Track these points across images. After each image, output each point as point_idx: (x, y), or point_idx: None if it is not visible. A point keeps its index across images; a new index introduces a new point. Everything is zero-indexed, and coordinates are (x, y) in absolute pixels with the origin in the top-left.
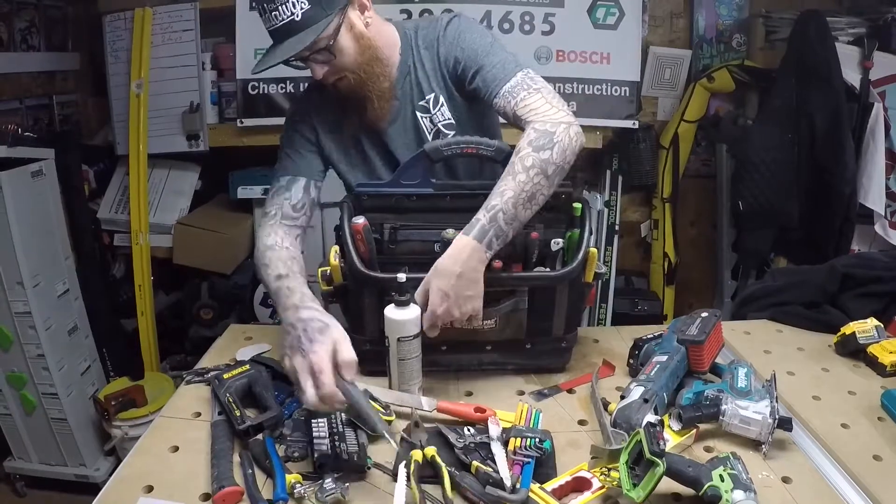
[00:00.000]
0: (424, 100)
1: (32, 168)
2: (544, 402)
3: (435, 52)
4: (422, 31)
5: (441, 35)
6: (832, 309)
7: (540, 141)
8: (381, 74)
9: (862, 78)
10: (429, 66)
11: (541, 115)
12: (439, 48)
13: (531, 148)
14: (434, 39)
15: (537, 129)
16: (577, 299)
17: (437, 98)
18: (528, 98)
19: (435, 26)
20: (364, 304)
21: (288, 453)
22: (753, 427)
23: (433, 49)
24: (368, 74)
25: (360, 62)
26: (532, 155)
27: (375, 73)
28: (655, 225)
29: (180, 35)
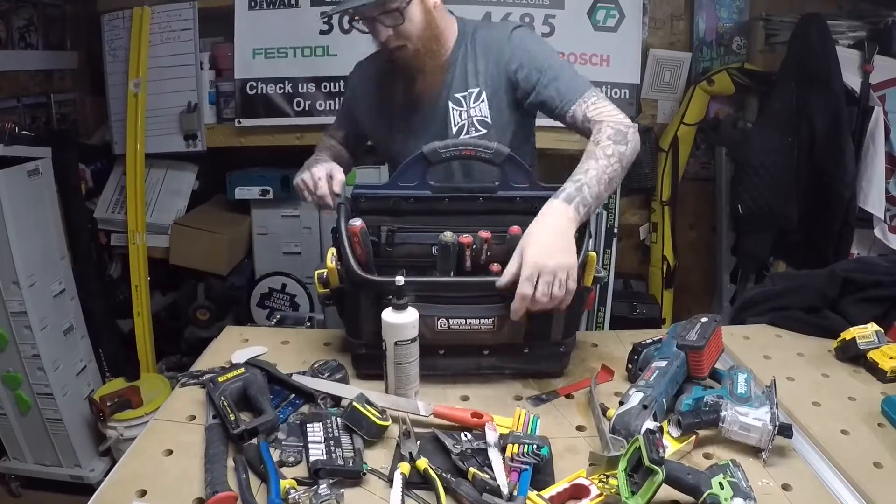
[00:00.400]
0: (464, 92)
1: (29, 167)
2: (542, 408)
3: (497, 53)
4: (482, 31)
5: (507, 39)
6: (832, 314)
7: (617, 137)
8: (437, 52)
9: (862, 81)
10: (481, 64)
11: (613, 118)
12: (503, 50)
13: (611, 141)
14: (497, 41)
15: (613, 126)
16: (576, 303)
17: (479, 94)
18: (599, 103)
19: (499, 30)
20: (361, 308)
21: (283, 458)
22: (753, 434)
23: (493, 49)
24: (426, 49)
25: (423, 36)
26: (612, 146)
27: (432, 49)
28: (654, 228)
29: (178, 34)
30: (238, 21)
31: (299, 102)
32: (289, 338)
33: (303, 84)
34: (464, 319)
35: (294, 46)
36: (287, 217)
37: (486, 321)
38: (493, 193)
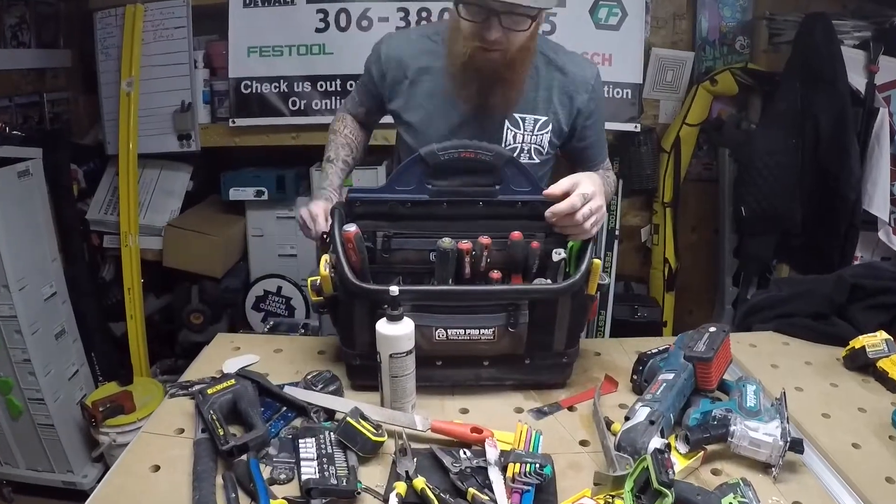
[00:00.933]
0: (529, 116)
1: (19, 168)
2: (544, 421)
3: (575, 92)
4: (564, 57)
5: (594, 84)
6: (840, 321)
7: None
8: (525, 64)
9: (867, 82)
10: (556, 95)
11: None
12: (583, 93)
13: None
14: (582, 80)
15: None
16: (579, 312)
17: (546, 123)
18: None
19: (585, 66)
20: (355, 317)
21: (273, 475)
22: (763, 449)
23: (575, 87)
24: (520, 60)
25: (524, 45)
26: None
27: (524, 60)
28: (656, 230)
29: (172, 32)
30: (232, 19)
31: (295, 102)
32: (282, 346)
33: (298, 83)
34: (463, 330)
35: (289, 45)
36: (282, 218)
37: (486, 331)
38: (493, 198)
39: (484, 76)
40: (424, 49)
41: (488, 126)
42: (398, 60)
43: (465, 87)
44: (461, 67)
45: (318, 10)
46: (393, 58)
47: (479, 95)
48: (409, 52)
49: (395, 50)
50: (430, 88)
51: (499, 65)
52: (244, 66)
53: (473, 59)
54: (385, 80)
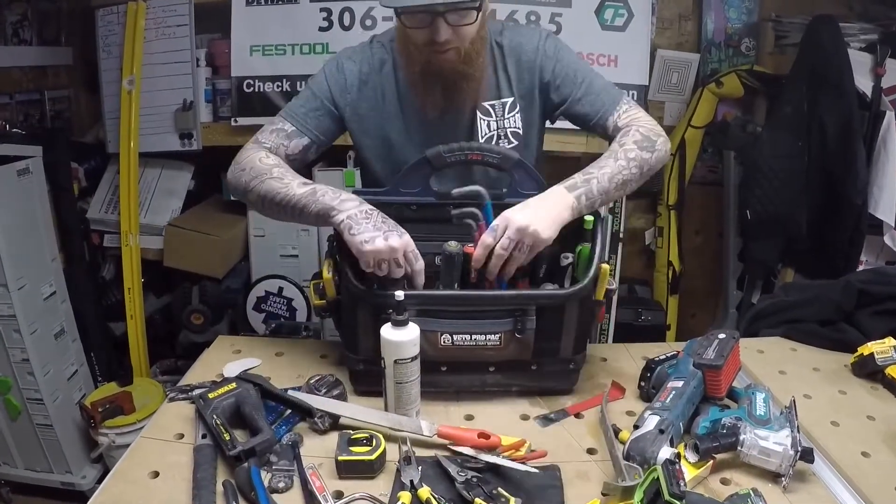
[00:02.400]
0: (495, 101)
1: (19, 166)
2: (550, 428)
3: (529, 62)
4: (509, 34)
5: (540, 47)
6: (848, 327)
7: (644, 143)
8: (482, 54)
9: (874, 85)
10: (513, 72)
11: (644, 124)
12: (536, 59)
13: (636, 146)
14: (530, 49)
15: (642, 132)
16: (587, 318)
17: (514, 104)
18: (631, 111)
19: (530, 36)
20: (358, 322)
21: (272, 483)
22: (774, 459)
23: (525, 57)
24: (476, 51)
25: (476, 37)
26: (636, 151)
27: (479, 51)
28: (660, 232)
29: (174, 30)
30: (235, 17)
31: None
32: (283, 349)
33: (301, 82)
34: (469, 335)
35: (292, 44)
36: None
37: (492, 337)
38: (500, 200)
39: (445, 77)
40: (378, 59)
41: (461, 122)
42: (359, 77)
43: (429, 94)
44: (420, 75)
45: (321, 8)
46: (342, 85)
47: (444, 98)
48: (367, 67)
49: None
50: (390, 105)
51: (457, 63)
52: (247, 64)
53: (430, 64)
54: (347, 101)
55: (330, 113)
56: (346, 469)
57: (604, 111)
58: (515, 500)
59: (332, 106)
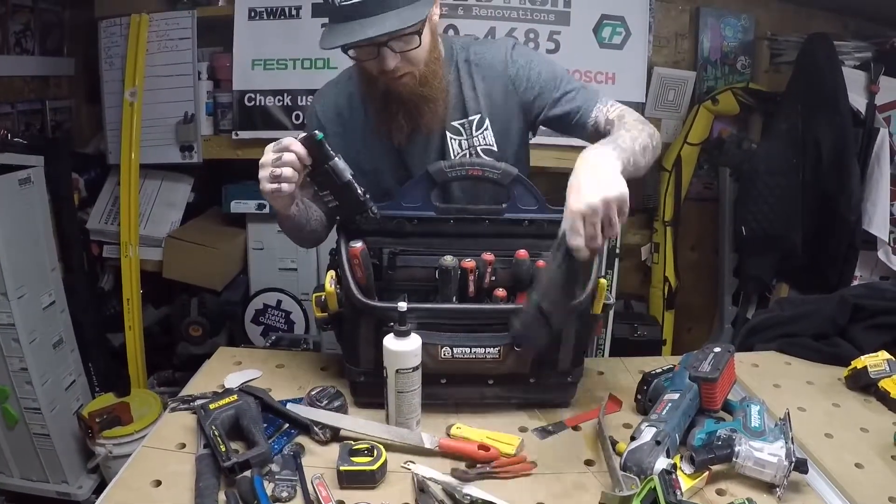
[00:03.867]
0: (464, 120)
1: (20, 175)
2: (548, 440)
3: (499, 75)
4: (475, 49)
5: (508, 58)
6: (842, 341)
7: (644, 121)
8: (439, 75)
9: (868, 103)
10: (481, 87)
11: (635, 114)
12: (506, 71)
13: (640, 122)
14: (498, 62)
15: (638, 115)
16: (584, 332)
17: (482, 121)
18: (617, 105)
19: (496, 49)
20: (360, 334)
21: (276, 493)
22: (768, 470)
23: (494, 71)
24: (432, 73)
25: (428, 59)
26: (640, 125)
27: (436, 72)
28: (656, 248)
29: (177, 43)
30: (237, 31)
31: (298, 115)
32: (284, 361)
33: (302, 97)
34: (468, 348)
35: (294, 58)
36: (283, 232)
37: (491, 350)
38: (499, 216)
39: (405, 101)
40: (344, 101)
41: (431, 144)
42: (336, 110)
43: (393, 121)
44: (382, 104)
45: (322, 24)
46: (330, 111)
47: (408, 123)
48: (343, 100)
49: (329, 103)
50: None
51: (414, 87)
52: (248, 78)
53: (389, 91)
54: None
55: None
56: (347, 479)
57: (586, 107)
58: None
59: None
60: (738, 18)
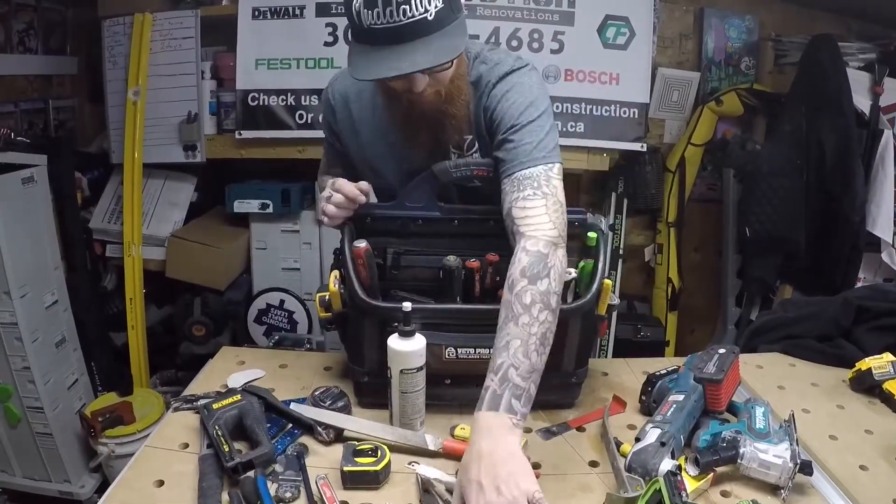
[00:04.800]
0: (461, 138)
1: (23, 174)
2: (553, 441)
3: (481, 96)
4: (478, 68)
5: (494, 83)
6: (846, 343)
7: (534, 269)
8: (463, 90)
9: (872, 104)
10: (475, 107)
11: (532, 228)
12: (487, 95)
13: (526, 280)
14: (485, 85)
15: (529, 251)
16: (589, 332)
17: (473, 142)
18: (529, 200)
19: (491, 72)
20: (364, 334)
21: (279, 493)
22: (773, 471)
23: (482, 91)
24: (457, 89)
25: (454, 75)
26: (530, 289)
27: (461, 88)
28: (660, 249)
29: (180, 42)
30: (241, 30)
31: (301, 115)
32: (287, 361)
33: (306, 96)
34: (472, 349)
35: (297, 58)
36: (286, 232)
37: None
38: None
39: (428, 117)
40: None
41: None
42: (344, 99)
43: (415, 136)
44: (405, 120)
45: (326, 23)
46: (339, 98)
47: (430, 139)
48: (352, 89)
49: (339, 89)
50: (377, 126)
51: (439, 103)
52: (252, 78)
53: (413, 106)
54: (337, 122)
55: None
56: (351, 480)
57: (513, 165)
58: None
59: (334, 139)
60: (742, 19)
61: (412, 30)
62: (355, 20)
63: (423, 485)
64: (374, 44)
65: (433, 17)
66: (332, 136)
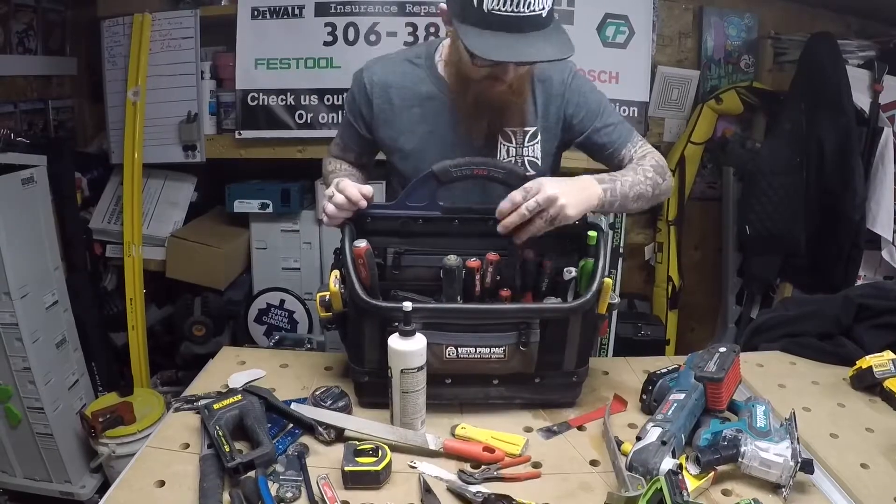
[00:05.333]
0: (519, 129)
1: (23, 175)
2: (553, 440)
3: (556, 95)
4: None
5: (569, 82)
6: (847, 341)
7: (659, 169)
8: (528, 82)
9: (872, 102)
10: (541, 102)
11: (658, 158)
12: (562, 93)
13: (653, 169)
14: (558, 82)
15: (658, 161)
16: (590, 332)
17: (535, 134)
18: (646, 146)
19: (558, 69)
20: (365, 334)
21: (280, 493)
22: (774, 470)
23: (553, 90)
24: (526, 81)
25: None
26: (652, 172)
27: (526, 80)
28: (660, 248)
29: (179, 42)
30: (240, 30)
31: (301, 115)
32: (288, 361)
33: (305, 96)
34: (473, 348)
35: (297, 57)
36: (286, 232)
37: (496, 350)
38: None
39: (494, 108)
40: (407, 73)
41: (477, 144)
42: (383, 86)
43: (477, 122)
44: (473, 106)
45: (326, 23)
46: (377, 83)
47: (490, 126)
48: (393, 78)
49: (378, 76)
50: (420, 114)
51: (507, 93)
52: (251, 77)
53: (485, 94)
54: (372, 108)
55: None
56: (352, 480)
57: (620, 142)
58: None
59: (359, 122)
60: (741, 17)
61: (533, 22)
62: (474, 2)
63: (424, 485)
64: (492, 28)
65: (546, 14)
66: (360, 122)
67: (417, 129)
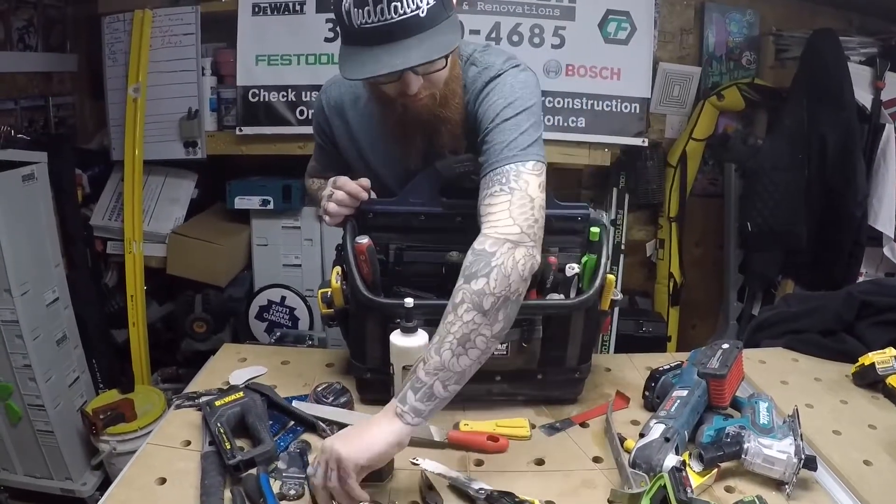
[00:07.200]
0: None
1: (24, 172)
2: (556, 437)
3: (469, 101)
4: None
5: (480, 88)
6: (849, 338)
7: (473, 268)
8: (458, 94)
9: (873, 98)
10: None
11: (489, 226)
12: (474, 99)
13: (463, 278)
14: (473, 87)
15: (475, 250)
16: (592, 328)
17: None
18: (495, 197)
19: (481, 73)
20: (367, 331)
21: (283, 490)
22: (777, 467)
23: (468, 96)
24: (452, 92)
25: (449, 78)
26: (463, 288)
27: (455, 91)
28: (661, 244)
29: (180, 39)
30: (241, 27)
31: (302, 111)
32: (289, 357)
33: (306, 92)
34: None
35: (298, 54)
36: (287, 228)
37: (499, 346)
38: None
39: (424, 122)
40: (358, 94)
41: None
42: (338, 108)
43: (411, 143)
44: (399, 126)
45: (327, 19)
46: (333, 106)
47: (425, 144)
48: (347, 98)
49: (334, 98)
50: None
51: (433, 107)
52: (252, 74)
53: (407, 110)
54: (333, 129)
55: (329, 153)
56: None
57: (486, 165)
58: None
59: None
60: (743, 14)
61: (404, 27)
62: (345, 21)
63: (426, 481)
64: (365, 44)
65: (425, 14)
66: (328, 143)
67: (377, 147)
